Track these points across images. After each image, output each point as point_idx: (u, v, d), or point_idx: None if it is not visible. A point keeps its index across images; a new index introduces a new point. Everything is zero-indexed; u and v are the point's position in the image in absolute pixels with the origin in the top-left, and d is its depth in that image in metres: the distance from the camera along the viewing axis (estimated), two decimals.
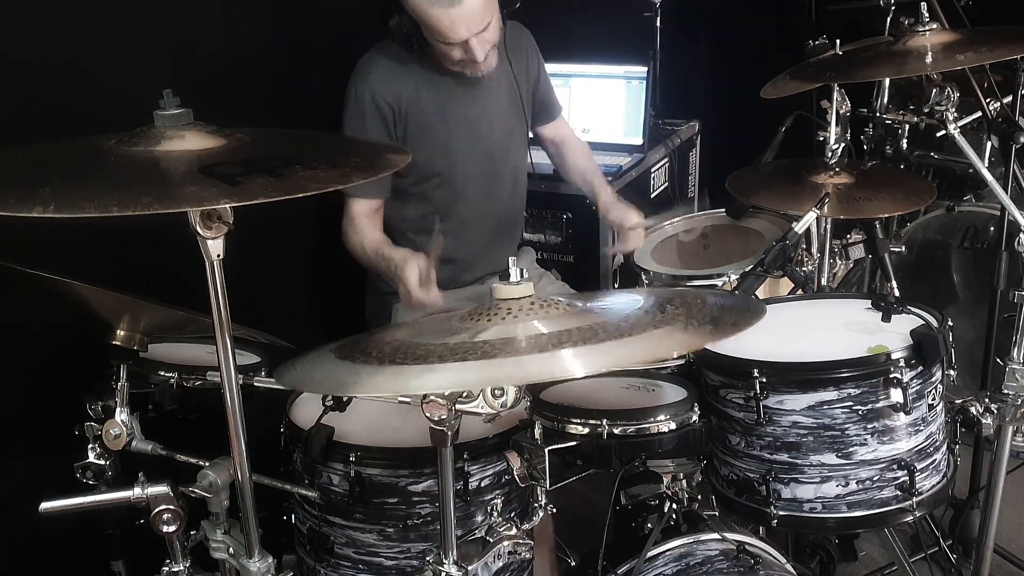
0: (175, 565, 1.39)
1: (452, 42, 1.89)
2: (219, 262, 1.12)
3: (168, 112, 1.13)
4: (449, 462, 1.22)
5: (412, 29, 1.91)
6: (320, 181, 1.09)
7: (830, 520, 1.53)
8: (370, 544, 1.51)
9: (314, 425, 1.50)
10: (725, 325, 1.17)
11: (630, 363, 1.52)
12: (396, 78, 2.03)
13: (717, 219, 2.51)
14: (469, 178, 2.15)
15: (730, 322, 1.19)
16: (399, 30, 1.93)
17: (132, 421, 1.42)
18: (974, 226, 2.77)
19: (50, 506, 1.27)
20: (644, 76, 3.00)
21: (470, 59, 1.94)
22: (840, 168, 2.10)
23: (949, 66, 1.81)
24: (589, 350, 1.03)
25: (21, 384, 1.83)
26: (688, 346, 1.16)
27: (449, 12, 1.84)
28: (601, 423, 1.41)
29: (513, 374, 1.07)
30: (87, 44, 1.85)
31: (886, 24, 2.72)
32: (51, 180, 1.01)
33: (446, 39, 1.89)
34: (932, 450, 1.54)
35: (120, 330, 1.44)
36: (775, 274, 1.87)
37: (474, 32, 1.88)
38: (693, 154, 3.38)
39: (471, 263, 2.24)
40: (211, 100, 1.34)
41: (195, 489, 1.34)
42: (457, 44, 1.90)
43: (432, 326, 1.26)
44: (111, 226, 1.10)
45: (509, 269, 1.22)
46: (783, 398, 1.50)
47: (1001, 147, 1.93)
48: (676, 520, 1.66)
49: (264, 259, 2.20)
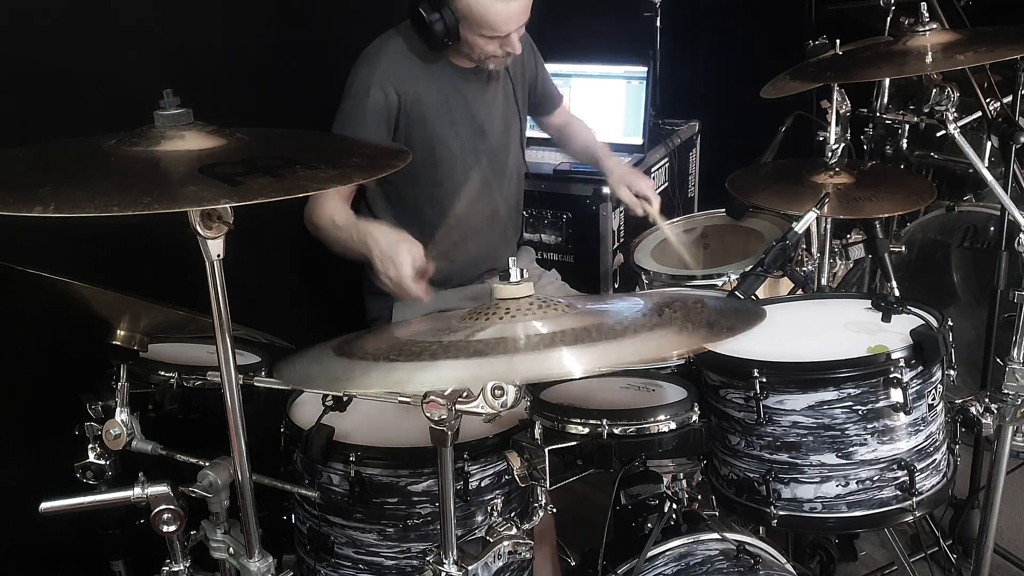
0: (175, 565, 1.39)
1: (500, 35, 1.93)
2: (219, 262, 1.12)
3: (168, 112, 1.13)
4: (449, 462, 1.22)
5: (453, 23, 1.93)
6: (320, 181, 1.09)
7: (830, 520, 1.53)
8: (370, 544, 1.51)
9: (314, 425, 1.50)
10: (721, 329, 1.18)
11: (624, 364, 1.52)
12: (401, 70, 2.03)
13: (717, 219, 2.51)
14: (469, 175, 2.15)
15: (726, 327, 1.19)
16: (439, 24, 1.92)
17: (132, 421, 1.41)
18: (974, 226, 2.77)
19: (50, 506, 1.27)
20: (644, 76, 3.01)
21: (505, 52, 1.99)
22: (840, 168, 2.10)
23: (949, 66, 1.81)
24: (583, 350, 1.04)
25: (21, 384, 1.83)
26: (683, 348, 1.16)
27: (509, 5, 1.90)
28: (601, 423, 1.41)
29: (505, 372, 1.07)
30: (87, 44, 1.86)
31: (886, 24, 2.72)
32: (51, 180, 1.01)
33: (496, 31, 1.92)
34: (932, 450, 1.54)
35: (120, 330, 1.44)
36: (775, 274, 1.87)
37: (520, 25, 1.96)
38: (693, 154, 3.38)
39: (471, 261, 2.24)
40: (211, 100, 1.34)
41: (195, 489, 1.34)
42: (501, 37, 1.94)
43: (432, 325, 1.26)
44: (111, 226, 1.10)
45: (509, 269, 1.22)
46: (783, 398, 1.50)
47: (1001, 147, 1.93)
48: (676, 520, 1.66)
49: (264, 259, 2.21)
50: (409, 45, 2.04)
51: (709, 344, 1.15)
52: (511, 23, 1.93)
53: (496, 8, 1.89)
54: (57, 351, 1.82)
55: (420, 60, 2.04)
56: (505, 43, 1.97)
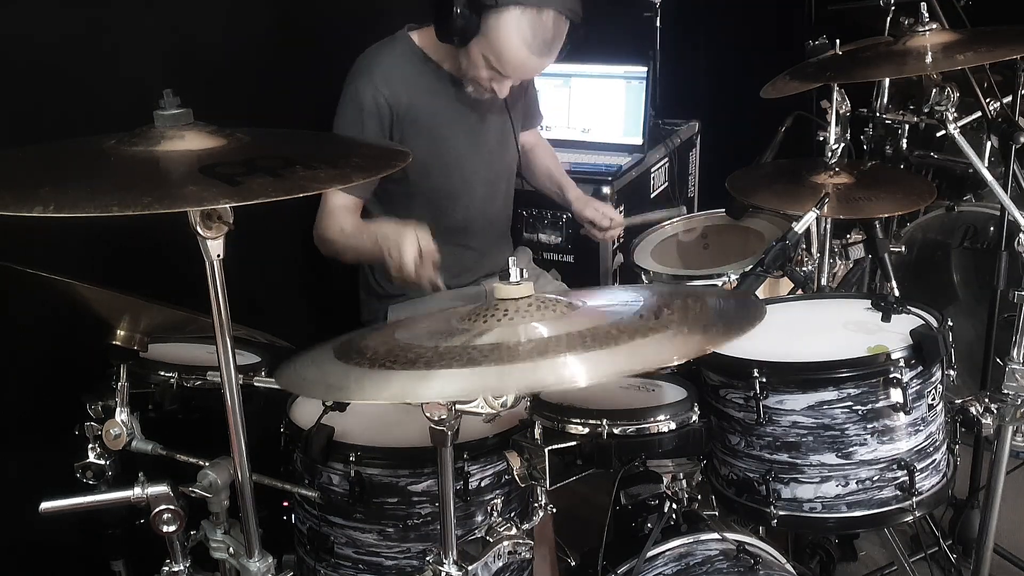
0: (175, 565, 1.39)
1: (503, 74, 1.91)
2: (219, 262, 1.12)
3: (168, 112, 1.13)
4: (449, 462, 1.22)
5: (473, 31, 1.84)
6: (320, 181, 1.09)
7: (830, 520, 1.53)
8: (370, 544, 1.51)
9: (314, 425, 1.50)
10: (716, 333, 1.18)
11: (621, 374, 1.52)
12: (398, 78, 2.00)
13: (717, 219, 2.51)
14: (466, 184, 2.14)
15: (722, 330, 1.19)
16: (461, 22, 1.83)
17: (132, 421, 1.42)
18: (974, 226, 2.77)
19: (50, 506, 1.27)
20: (644, 76, 3.00)
21: (490, 87, 1.96)
22: (840, 168, 2.10)
23: (949, 66, 1.81)
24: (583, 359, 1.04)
25: (21, 384, 1.83)
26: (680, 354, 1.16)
27: (532, 59, 1.87)
28: (601, 423, 1.41)
29: (501, 384, 1.07)
30: (87, 44, 1.85)
31: (886, 24, 2.72)
32: (51, 180, 1.02)
33: (502, 69, 1.89)
34: (932, 450, 1.54)
35: (120, 330, 1.44)
36: (775, 274, 1.87)
37: (521, 81, 1.97)
38: (693, 154, 3.38)
39: (468, 268, 2.23)
40: (211, 100, 1.34)
41: (195, 489, 1.34)
42: (498, 74, 1.91)
43: (430, 326, 1.26)
44: (111, 226, 1.10)
45: (509, 269, 1.22)
46: (783, 398, 1.50)
47: (1001, 147, 1.93)
48: (676, 520, 1.66)
49: (264, 259, 2.21)
50: (404, 53, 2.02)
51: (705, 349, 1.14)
52: (519, 72, 1.92)
53: (521, 54, 1.85)
54: (57, 351, 1.82)
55: (415, 68, 2.02)
56: (496, 80, 1.93)
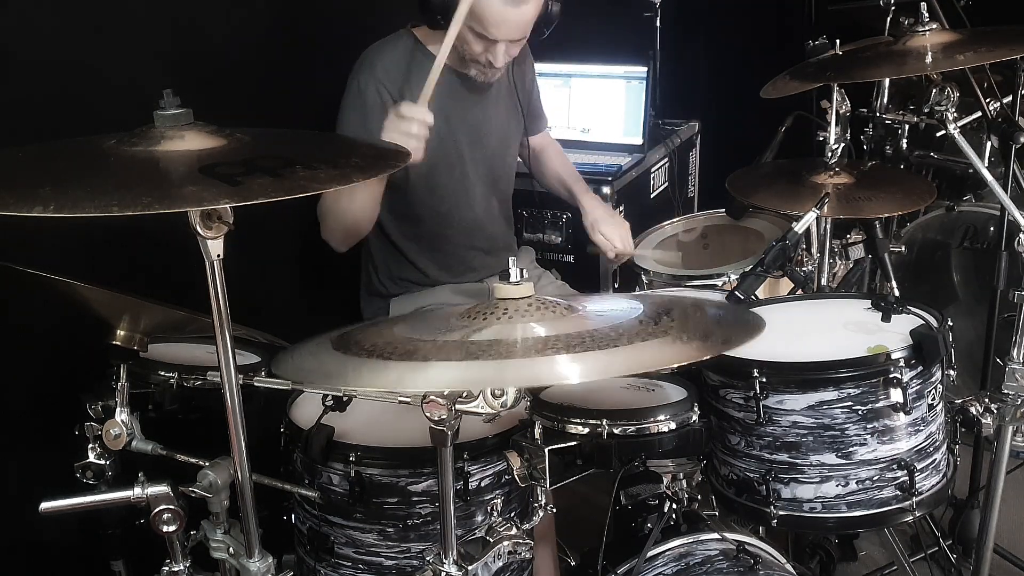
0: (175, 565, 1.39)
1: (488, 36, 1.88)
2: (219, 262, 1.11)
3: (168, 112, 1.13)
4: (449, 462, 1.22)
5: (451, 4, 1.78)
6: (320, 181, 1.09)
7: (830, 520, 1.53)
8: (370, 544, 1.51)
9: (314, 425, 1.50)
10: (715, 342, 1.18)
11: (617, 374, 1.52)
12: (402, 73, 2.00)
13: (717, 219, 2.51)
14: (468, 179, 2.14)
15: (720, 340, 1.19)
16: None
17: (132, 421, 1.41)
18: (974, 226, 2.77)
19: (50, 506, 1.27)
20: (644, 76, 3.00)
21: (487, 61, 1.94)
22: (840, 168, 2.10)
23: (949, 66, 1.81)
24: (579, 359, 1.04)
25: (21, 384, 1.83)
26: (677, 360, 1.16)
27: (506, 11, 1.84)
28: (601, 423, 1.41)
29: (498, 378, 1.07)
30: (87, 44, 1.85)
31: (886, 24, 2.72)
32: (51, 180, 1.01)
33: (485, 31, 1.87)
34: (932, 450, 1.54)
35: (120, 330, 1.44)
36: (775, 274, 1.87)
37: (510, 39, 1.91)
38: (693, 154, 3.38)
39: (470, 266, 2.24)
40: (211, 100, 1.34)
41: (195, 489, 1.34)
42: (487, 40, 1.89)
43: (430, 323, 1.26)
44: (111, 226, 1.10)
45: (509, 269, 1.22)
46: (783, 398, 1.50)
47: (1001, 147, 1.93)
48: (676, 520, 1.66)
49: (264, 259, 2.21)
50: (407, 48, 2.02)
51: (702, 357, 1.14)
52: (503, 29, 1.88)
53: (496, 8, 1.83)
54: (57, 351, 1.82)
55: (417, 63, 2.01)
56: (490, 49, 1.92)
